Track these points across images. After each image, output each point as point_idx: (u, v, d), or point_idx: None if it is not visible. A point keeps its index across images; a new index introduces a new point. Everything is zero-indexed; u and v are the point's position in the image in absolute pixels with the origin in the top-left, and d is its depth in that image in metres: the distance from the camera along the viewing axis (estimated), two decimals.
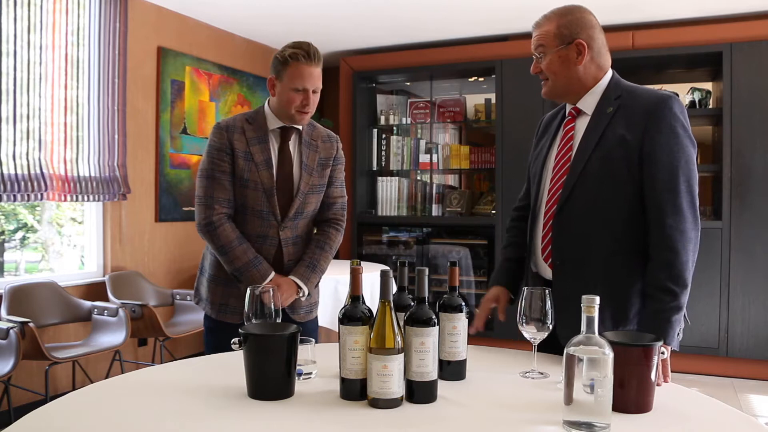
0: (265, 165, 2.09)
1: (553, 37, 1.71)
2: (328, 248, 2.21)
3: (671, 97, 1.62)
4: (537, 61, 1.77)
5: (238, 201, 2.11)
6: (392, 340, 1.26)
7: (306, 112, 2.07)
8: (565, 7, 1.74)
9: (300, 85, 2.02)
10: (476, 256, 5.11)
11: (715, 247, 4.25)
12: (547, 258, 1.73)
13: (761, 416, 3.58)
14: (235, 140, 2.08)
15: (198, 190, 2.12)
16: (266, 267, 2.08)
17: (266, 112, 2.15)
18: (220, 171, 2.08)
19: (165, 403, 1.30)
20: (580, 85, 1.72)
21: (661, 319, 1.52)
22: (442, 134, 5.46)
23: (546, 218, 1.74)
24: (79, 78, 3.75)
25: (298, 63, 2.01)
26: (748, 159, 4.22)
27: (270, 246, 2.12)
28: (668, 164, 1.57)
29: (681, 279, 1.54)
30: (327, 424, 1.18)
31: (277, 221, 2.11)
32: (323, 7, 4.39)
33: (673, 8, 4.33)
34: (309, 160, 2.16)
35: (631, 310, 1.64)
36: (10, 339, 2.86)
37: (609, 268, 1.64)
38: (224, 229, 2.07)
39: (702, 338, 4.30)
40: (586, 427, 1.12)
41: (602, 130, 1.66)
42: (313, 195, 2.18)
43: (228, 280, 2.12)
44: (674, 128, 1.59)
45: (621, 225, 1.64)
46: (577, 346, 1.15)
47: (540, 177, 1.81)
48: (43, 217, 4.01)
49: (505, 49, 4.93)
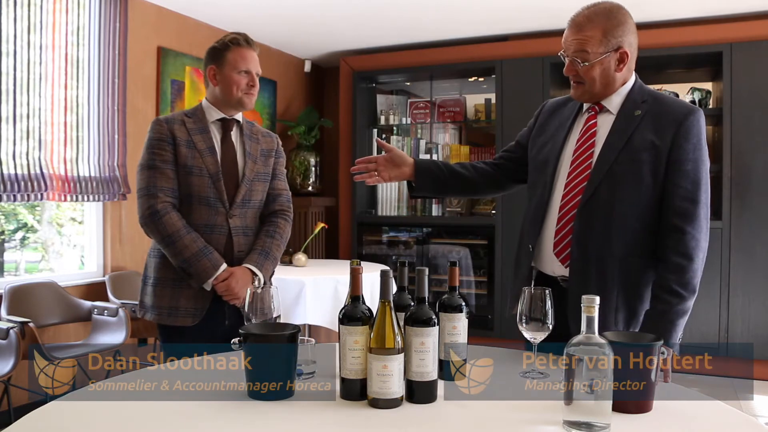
0: (209, 152, 2.07)
1: (598, 43, 1.62)
2: (279, 237, 2.16)
3: (699, 110, 1.65)
4: (573, 64, 1.67)
5: (182, 191, 2.06)
6: (392, 340, 1.26)
7: (252, 93, 2.11)
8: (608, 6, 1.65)
9: (244, 66, 2.09)
10: (476, 256, 5.11)
11: (715, 247, 4.24)
12: (560, 253, 1.70)
13: (761, 416, 3.58)
14: (175, 130, 2.07)
15: (138, 183, 2.06)
16: (217, 257, 2.02)
17: (204, 106, 2.16)
18: (161, 161, 2.04)
19: (165, 403, 1.30)
20: (611, 88, 1.70)
21: (665, 321, 1.53)
22: (442, 134, 5.46)
23: (562, 213, 1.70)
24: (79, 78, 3.75)
25: (239, 47, 2.09)
26: (748, 159, 4.22)
27: (219, 235, 2.06)
28: (693, 174, 1.60)
29: (690, 285, 1.56)
30: (327, 424, 1.19)
31: (225, 208, 2.07)
32: (323, 7, 4.39)
33: (673, 8, 4.33)
34: (251, 149, 2.16)
35: (641, 312, 1.64)
36: (10, 339, 2.86)
37: (625, 269, 1.64)
38: (170, 218, 2.00)
39: (702, 338, 4.30)
40: (586, 427, 1.12)
41: (630, 133, 1.65)
42: (259, 183, 2.16)
43: (176, 281, 2.05)
44: (700, 141, 1.62)
45: (639, 228, 1.65)
46: (577, 346, 1.16)
47: (554, 168, 1.75)
48: (43, 217, 4.01)
49: (505, 49, 4.93)
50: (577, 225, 1.67)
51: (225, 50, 2.09)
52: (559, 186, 1.73)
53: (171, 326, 2.06)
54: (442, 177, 1.90)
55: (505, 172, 1.96)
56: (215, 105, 2.13)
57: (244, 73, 2.09)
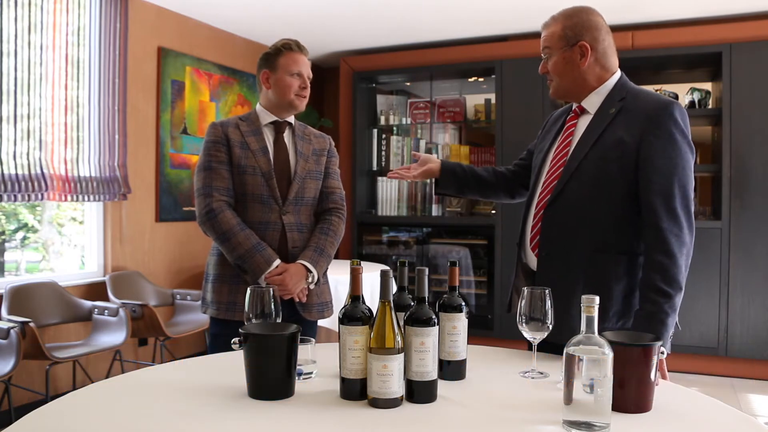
0: (262, 152, 2.15)
1: (558, 38, 1.73)
2: (333, 234, 2.22)
3: (673, 103, 1.63)
4: (544, 62, 1.79)
5: (237, 190, 2.14)
6: (392, 340, 1.26)
7: (304, 96, 2.21)
8: (573, 8, 1.76)
9: (296, 69, 2.18)
10: (476, 256, 5.11)
11: (714, 247, 4.25)
12: (534, 248, 1.77)
13: (761, 416, 3.58)
14: (230, 132, 2.16)
15: (196, 183, 2.15)
16: (270, 252, 2.08)
17: (258, 110, 2.24)
18: (217, 162, 2.13)
19: (165, 403, 1.30)
20: (584, 85, 1.75)
21: (656, 321, 1.53)
22: (442, 134, 5.46)
23: (537, 209, 1.78)
24: (79, 78, 3.76)
25: (291, 51, 2.19)
26: (747, 159, 4.22)
27: (273, 231, 2.13)
28: (664, 169, 1.59)
29: (675, 282, 1.55)
30: (327, 424, 1.19)
31: (278, 205, 2.13)
32: (323, 7, 4.39)
33: (673, 8, 4.34)
34: (303, 149, 2.24)
35: (611, 309, 1.65)
36: (10, 339, 2.86)
37: (592, 264, 1.66)
38: (225, 216, 2.08)
39: (701, 338, 4.30)
40: (586, 426, 1.13)
41: (601, 131, 1.69)
42: (311, 180, 2.22)
43: (233, 277, 2.12)
44: (673, 134, 1.61)
45: (608, 224, 1.66)
46: (577, 345, 1.16)
47: (539, 170, 1.86)
48: (43, 217, 4.01)
49: (505, 49, 4.93)
50: (544, 221, 1.74)
51: (277, 55, 2.18)
52: (539, 187, 1.83)
53: (230, 321, 2.11)
54: (465, 178, 2.06)
55: (518, 179, 2.08)
56: (268, 109, 2.22)
57: (297, 76, 2.18)
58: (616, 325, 1.65)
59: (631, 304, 1.65)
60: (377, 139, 5.48)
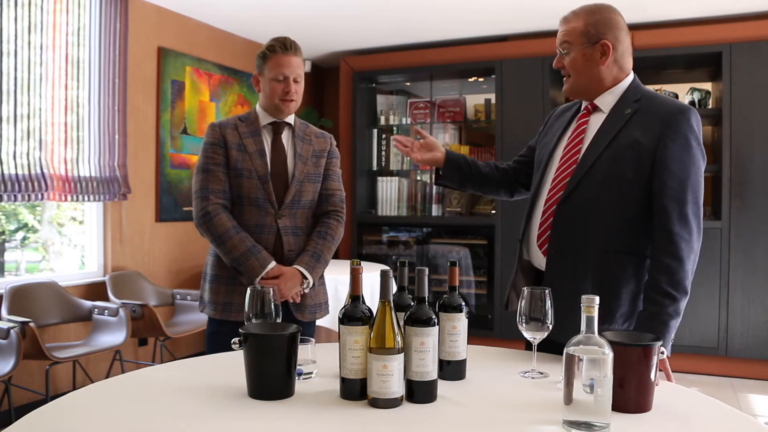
0: (259, 154, 2.14)
1: (580, 34, 1.70)
2: (330, 238, 2.21)
3: (690, 109, 1.63)
4: (561, 57, 1.75)
5: (233, 192, 2.13)
6: (392, 340, 1.26)
7: (289, 100, 2.14)
8: (595, 5, 1.73)
9: (280, 74, 2.11)
10: (476, 256, 5.11)
11: (714, 247, 4.25)
12: (542, 246, 1.75)
13: (761, 416, 3.58)
14: (227, 134, 2.15)
15: (193, 185, 2.16)
16: (266, 255, 2.07)
17: (257, 111, 2.23)
18: (214, 164, 2.12)
19: (165, 403, 1.30)
20: (600, 84, 1.73)
21: (658, 322, 1.53)
22: (442, 134, 5.46)
23: (546, 207, 1.75)
24: (79, 78, 3.76)
25: (275, 54, 2.12)
26: (747, 159, 4.22)
27: (268, 234, 2.12)
28: (679, 174, 1.59)
29: (681, 286, 1.55)
30: (327, 424, 1.19)
31: (274, 208, 2.12)
32: (323, 7, 4.39)
33: (673, 8, 4.34)
34: (303, 151, 2.21)
35: (618, 310, 1.64)
36: (10, 339, 2.86)
37: (601, 264, 1.65)
38: (220, 219, 2.08)
39: (701, 338, 4.30)
40: (586, 426, 1.12)
41: (617, 131, 1.67)
42: (310, 184, 2.20)
43: (230, 278, 2.12)
44: (689, 139, 1.61)
45: (620, 225, 1.65)
46: (577, 345, 1.16)
47: (545, 166, 1.82)
48: (43, 217, 4.01)
49: (505, 49, 4.93)
50: (556, 219, 1.71)
51: (264, 58, 2.14)
52: (547, 182, 1.80)
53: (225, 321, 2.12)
54: (468, 173, 2.02)
55: (519, 177, 2.05)
56: (265, 109, 2.21)
57: (282, 81, 2.13)
58: (622, 327, 1.64)
59: (638, 307, 1.65)
60: (377, 139, 5.49)
